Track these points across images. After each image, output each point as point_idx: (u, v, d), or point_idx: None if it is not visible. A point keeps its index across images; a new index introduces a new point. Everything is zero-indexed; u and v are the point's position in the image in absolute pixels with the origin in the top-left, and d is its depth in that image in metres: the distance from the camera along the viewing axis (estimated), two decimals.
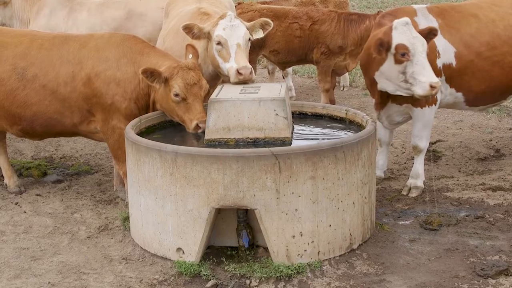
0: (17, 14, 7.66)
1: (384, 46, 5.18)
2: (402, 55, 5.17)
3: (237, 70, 5.28)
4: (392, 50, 5.20)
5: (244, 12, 7.93)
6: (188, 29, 5.47)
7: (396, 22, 5.22)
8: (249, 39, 5.55)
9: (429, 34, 5.30)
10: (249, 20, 6.29)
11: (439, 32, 5.49)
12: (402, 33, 5.18)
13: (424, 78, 5.11)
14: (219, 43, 5.41)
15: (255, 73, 8.06)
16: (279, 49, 8.02)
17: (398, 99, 5.61)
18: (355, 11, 12.03)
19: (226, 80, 5.60)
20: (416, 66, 5.14)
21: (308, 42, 7.92)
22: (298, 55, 8.08)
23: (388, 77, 5.37)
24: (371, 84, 5.68)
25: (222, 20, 5.46)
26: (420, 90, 5.13)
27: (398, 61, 5.22)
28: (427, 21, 5.69)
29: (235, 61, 5.34)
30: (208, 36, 5.50)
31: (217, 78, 5.77)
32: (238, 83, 5.30)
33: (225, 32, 5.40)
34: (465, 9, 5.94)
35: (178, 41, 5.87)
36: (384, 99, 5.70)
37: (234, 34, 5.41)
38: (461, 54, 5.70)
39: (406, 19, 5.25)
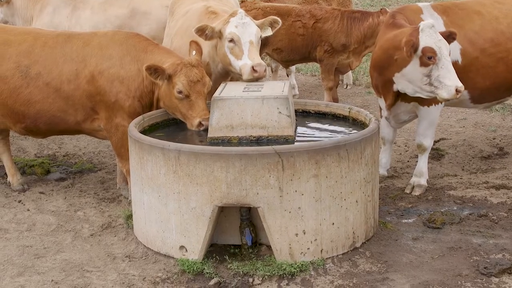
0: (19, 12, 7.65)
1: (414, 46, 5.11)
2: (429, 58, 5.11)
3: (252, 67, 5.27)
4: (419, 52, 5.13)
5: (247, 10, 7.90)
6: (201, 31, 5.43)
7: (422, 24, 5.16)
8: (260, 37, 5.53)
9: (448, 37, 5.25)
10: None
11: (444, 29, 5.48)
12: (429, 35, 5.12)
13: (450, 82, 5.07)
14: (231, 41, 5.38)
15: None
16: (282, 47, 8.02)
17: (407, 98, 5.58)
18: (358, 9, 12.01)
19: (236, 78, 5.59)
20: (441, 70, 5.10)
21: (311, 40, 7.91)
22: (301, 53, 8.07)
23: (410, 79, 5.30)
24: (385, 84, 5.60)
25: (233, 18, 5.44)
26: (445, 93, 5.09)
27: (423, 64, 5.15)
28: (433, 18, 5.69)
29: (249, 58, 5.32)
30: (218, 35, 5.47)
31: (226, 76, 5.75)
32: (252, 80, 5.29)
33: (237, 29, 5.37)
34: (468, 6, 5.95)
35: (186, 41, 5.84)
36: (395, 98, 5.66)
37: (246, 32, 5.38)
38: (466, 51, 5.70)
39: (431, 21, 5.22)
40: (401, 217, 5.41)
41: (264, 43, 7.92)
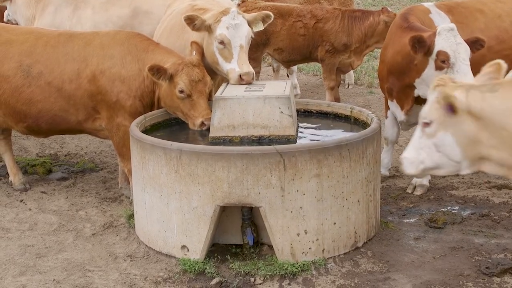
0: (21, 10, 7.66)
1: (421, 43, 5.02)
2: (442, 61, 5.04)
3: (240, 76, 5.21)
4: (434, 56, 5.06)
5: (248, 10, 7.90)
6: (190, 20, 5.33)
7: (440, 27, 5.08)
8: (252, 37, 5.47)
9: (475, 44, 5.15)
10: None
11: None
12: (445, 39, 5.02)
13: None
14: (221, 42, 5.31)
15: (259, 71, 8.10)
16: (283, 47, 8.02)
17: (419, 100, 5.53)
18: (360, 8, 12.00)
19: (222, 76, 5.54)
20: (457, 74, 4.96)
21: (312, 40, 7.92)
22: (302, 53, 8.07)
23: (428, 84, 5.08)
24: (405, 90, 5.53)
25: (225, 17, 5.33)
26: None
27: (438, 67, 5.07)
28: (441, 18, 5.72)
29: (237, 64, 5.25)
30: (208, 30, 5.36)
31: (213, 73, 5.62)
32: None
33: (228, 31, 5.28)
34: (470, 5, 5.99)
35: (172, 41, 5.81)
36: (413, 103, 5.62)
37: (237, 35, 5.30)
38: None
39: (451, 25, 5.12)
40: (402, 216, 5.40)
41: (266, 43, 7.93)
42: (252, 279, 4.46)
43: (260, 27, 5.60)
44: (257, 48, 7.73)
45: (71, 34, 5.75)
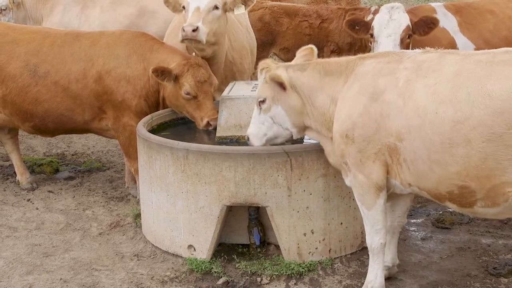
0: (30, 14, 7.72)
1: (360, 24, 5.42)
2: (371, 35, 5.33)
3: (182, 28, 5.08)
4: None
5: (254, 10, 7.91)
6: (167, 2, 5.40)
7: (383, 6, 5.33)
8: (216, 6, 5.23)
9: (426, 23, 5.27)
10: (259, 18, 6.24)
11: (458, 29, 5.50)
12: (381, 16, 5.29)
13: None
14: (183, 8, 5.27)
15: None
16: (289, 47, 8.01)
17: None
18: (362, 6, 11.95)
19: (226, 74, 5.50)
20: (379, 46, 5.21)
21: (317, 40, 7.90)
22: None
23: None
24: None
25: None
26: None
27: (370, 42, 5.40)
28: (447, 18, 5.74)
29: (187, 22, 5.13)
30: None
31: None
32: (183, 41, 5.13)
33: None
34: (481, 5, 5.98)
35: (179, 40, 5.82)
36: None
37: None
38: None
39: (395, 4, 5.36)
40: (409, 217, 5.38)
41: (272, 43, 7.93)
42: (259, 279, 4.46)
43: (241, 10, 5.46)
44: (263, 48, 7.73)
45: (77, 34, 5.76)
